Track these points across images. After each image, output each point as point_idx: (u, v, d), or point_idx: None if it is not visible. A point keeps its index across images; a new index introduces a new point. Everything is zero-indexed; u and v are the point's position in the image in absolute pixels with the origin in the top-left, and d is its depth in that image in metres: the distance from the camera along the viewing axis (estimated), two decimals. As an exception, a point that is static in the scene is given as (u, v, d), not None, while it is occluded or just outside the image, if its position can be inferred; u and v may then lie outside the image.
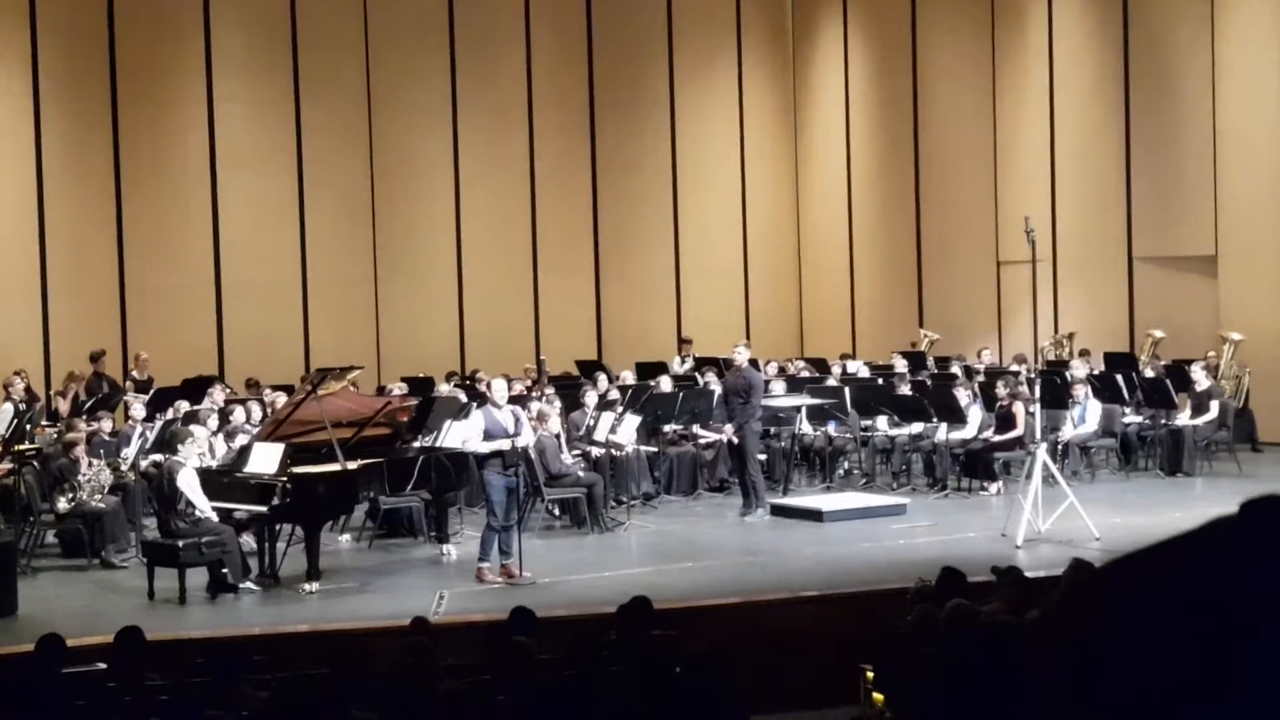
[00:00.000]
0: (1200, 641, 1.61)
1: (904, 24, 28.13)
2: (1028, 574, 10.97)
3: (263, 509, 14.36)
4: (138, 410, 18.38)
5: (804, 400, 20.18)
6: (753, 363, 19.03)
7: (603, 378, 21.47)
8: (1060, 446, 19.58)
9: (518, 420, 14.96)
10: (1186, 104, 23.86)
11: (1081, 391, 20.07)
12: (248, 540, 15.10)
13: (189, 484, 14.20)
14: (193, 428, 15.94)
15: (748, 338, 26.96)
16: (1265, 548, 1.63)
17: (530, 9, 27.86)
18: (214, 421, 17.49)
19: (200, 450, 15.24)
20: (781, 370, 23.17)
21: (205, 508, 14.18)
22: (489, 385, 15.41)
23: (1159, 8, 24.22)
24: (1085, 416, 20.04)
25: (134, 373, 22.22)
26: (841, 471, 20.65)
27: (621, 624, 10.05)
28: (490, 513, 14.59)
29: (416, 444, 16.16)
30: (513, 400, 19.18)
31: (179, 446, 14.67)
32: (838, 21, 29.51)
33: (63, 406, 20.61)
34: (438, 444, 16.40)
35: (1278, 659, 1.58)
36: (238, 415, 17.55)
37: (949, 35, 27.52)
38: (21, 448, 17.54)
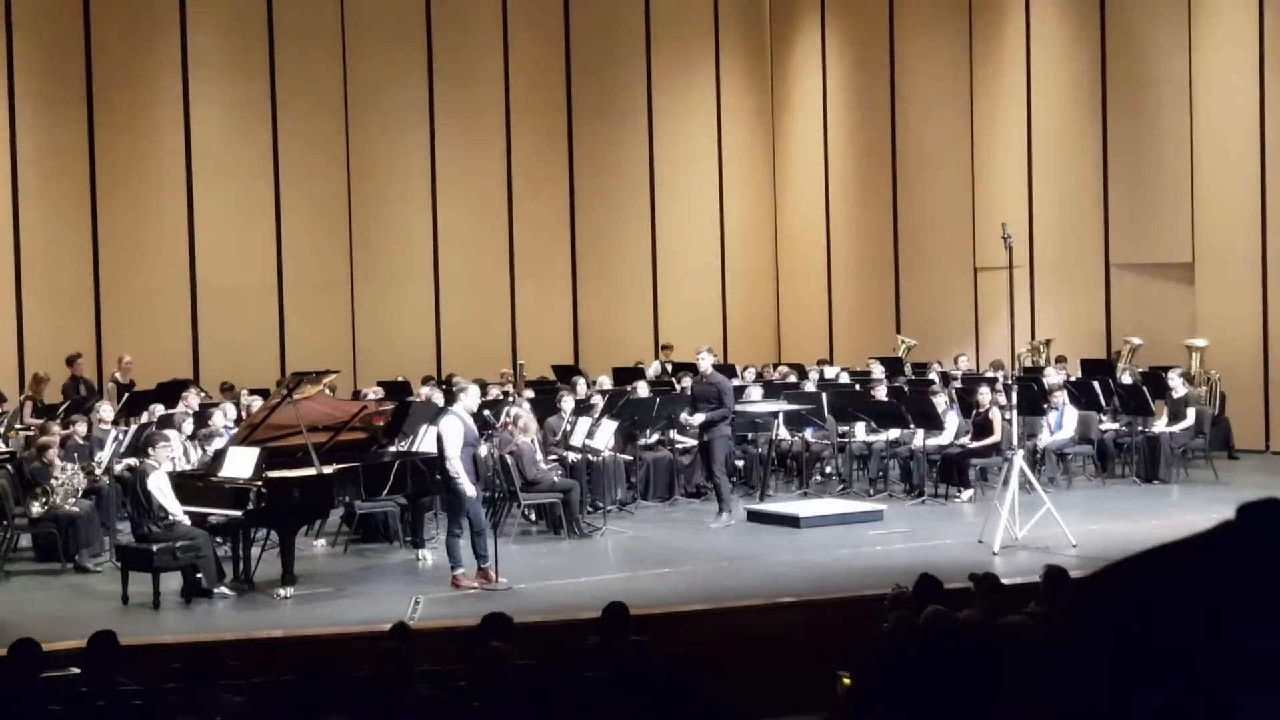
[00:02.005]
0: (1189, 651, 1.59)
1: (882, 29, 28.15)
2: (1004, 581, 10.98)
3: (237, 513, 14.29)
4: (106, 413, 18.29)
5: (781, 406, 20.17)
6: (720, 367, 18.92)
7: (581, 382, 21.43)
8: (1037, 453, 19.61)
9: (483, 429, 14.87)
10: (1163, 110, 23.92)
11: (1059, 398, 20.09)
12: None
13: (159, 487, 14.15)
14: (167, 431, 15.88)
15: (725, 342, 26.98)
16: (1260, 552, 1.61)
17: (508, 12, 27.81)
18: (188, 425, 17.41)
19: (173, 454, 15.18)
20: (759, 375, 23.17)
21: (176, 511, 14.11)
22: (463, 390, 15.11)
23: (1136, 14, 24.27)
24: (1062, 423, 20.05)
25: (116, 375, 22.08)
26: (818, 477, 20.64)
27: (599, 629, 10.03)
28: (453, 520, 14.50)
29: (392, 448, 16.12)
30: (489, 405, 19.20)
31: (150, 450, 14.62)
32: (815, 26, 29.52)
33: (26, 409, 20.53)
34: (414, 449, 16.35)
35: (1273, 667, 1.56)
36: (217, 419, 17.43)
37: (927, 40, 27.54)
38: (-6, 450, 17.47)
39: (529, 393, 20.91)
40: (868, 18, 28.45)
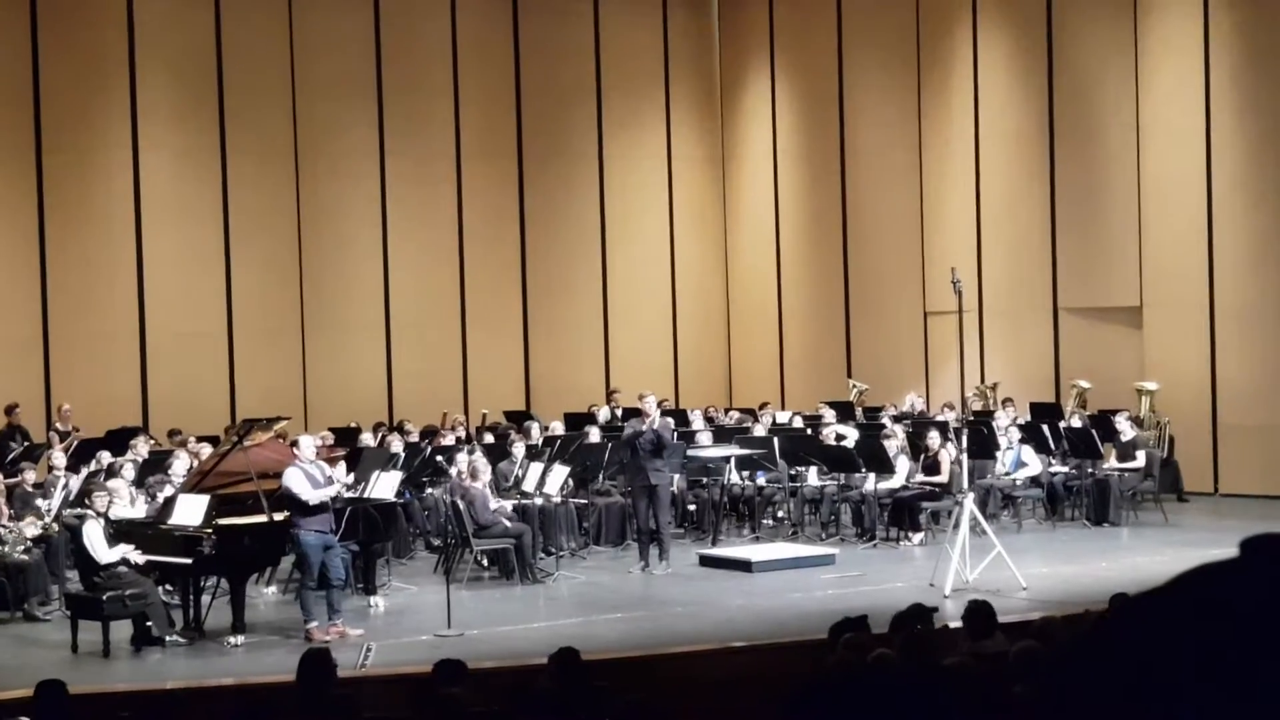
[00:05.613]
0: (1194, 679, 1.61)
1: (831, 77, 28.32)
2: (950, 624, 10.99)
3: (187, 561, 14.21)
4: (58, 459, 18.18)
5: (733, 450, 20.18)
6: (671, 412, 18.88)
7: (535, 427, 21.43)
8: (988, 493, 19.74)
9: (329, 478, 14.75)
10: (1111, 156, 24.12)
11: (1015, 437, 20.27)
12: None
13: (90, 534, 14.07)
14: (110, 481, 15.80)
15: (676, 387, 26.97)
16: (1268, 587, 1.63)
17: (458, 61, 27.88)
18: (130, 471, 17.31)
19: (116, 502, 15.08)
20: (708, 419, 23.18)
21: (104, 558, 14.01)
22: (296, 443, 15.03)
23: (1084, 62, 24.49)
24: (1020, 459, 20.21)
25: (58, 425, 21.91)
26: (770, 521, 20.65)
27: (553, 675, 9.99)
28: (305, 573, 14.41)
29: (344, 495, 16.06)
30: (443, 451, 19.19)
31: (86, 500, 14.60)
32: (765, 74, 29.67)
33: None
34: (365, 495, 16.30)
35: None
36: (177, 467, 17.16)
37: (875, 88, 27.72)
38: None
39: (490, 439, 21.00)
40: (817, 66, 28.61)
